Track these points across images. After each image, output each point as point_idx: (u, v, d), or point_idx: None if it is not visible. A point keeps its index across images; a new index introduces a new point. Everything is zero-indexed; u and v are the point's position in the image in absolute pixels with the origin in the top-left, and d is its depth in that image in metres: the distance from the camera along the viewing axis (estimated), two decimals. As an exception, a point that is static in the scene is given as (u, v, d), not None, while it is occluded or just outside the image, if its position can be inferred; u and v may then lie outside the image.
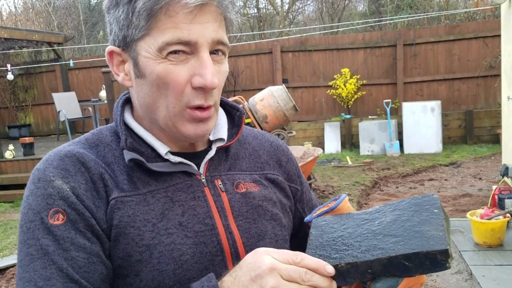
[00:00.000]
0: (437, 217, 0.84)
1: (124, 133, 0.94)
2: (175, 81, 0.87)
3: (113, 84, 7.71)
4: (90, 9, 19.86)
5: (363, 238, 0.85)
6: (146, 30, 0.86)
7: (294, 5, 17.20)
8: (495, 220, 4.30)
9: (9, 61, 11.49)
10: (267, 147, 1.13)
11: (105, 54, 0.95)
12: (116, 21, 0.89)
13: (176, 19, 0.84)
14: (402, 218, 0.86)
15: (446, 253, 0.77)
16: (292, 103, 6.74)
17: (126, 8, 0.86)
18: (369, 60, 10.69)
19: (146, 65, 0.88)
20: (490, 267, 3.97)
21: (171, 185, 0.94)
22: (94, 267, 0.84)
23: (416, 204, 0.89)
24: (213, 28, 0.87)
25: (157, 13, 0.84)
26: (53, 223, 0.83)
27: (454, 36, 10.21)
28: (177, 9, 0.84)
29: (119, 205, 0.88)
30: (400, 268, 0.80)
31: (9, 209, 7.36)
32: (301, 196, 1.15)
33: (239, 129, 1.05)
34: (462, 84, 10.38)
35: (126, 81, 0.94)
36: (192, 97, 0.89)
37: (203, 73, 0.87)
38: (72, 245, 0.83)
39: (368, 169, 8.32)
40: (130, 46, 0.90)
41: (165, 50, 0.86)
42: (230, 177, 1.01)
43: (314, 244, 0.89)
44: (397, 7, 13.65)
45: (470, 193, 6.59)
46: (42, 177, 0.87)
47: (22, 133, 11.74)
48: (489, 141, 9.74)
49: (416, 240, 0.80)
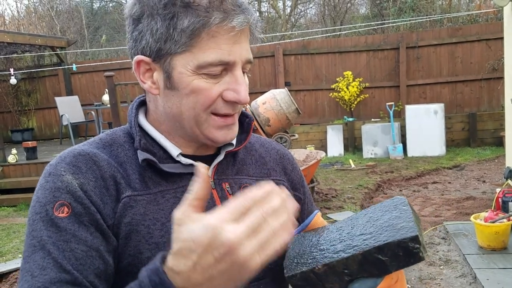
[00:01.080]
0: (406, 213, 0.86)
1: (138, 134, 0.98)
2: (207, 96, 0.92)
3: (116, 88, 7.72)
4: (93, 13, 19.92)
5: (338, 242, 0.87)
6: (187, 47, 0.89)
7: (296, 8, 17.22)
8: (499, 223, 4.28)
9: (12, 66, 11.53)
10: (273, 154, 1.16)
11: (133, 63, 0.96)
12: (151, 32, 0.90)
13: (219, 40, 0.88)
14: (373, 218, 0.89)
15: (417, 239, 0.78)
16: (294, 106, 6.73)
17: (167, 23, 0.88)
18: (372, 63, 10.68)
19: (180, 80, 0.91)
20: (494, 270, 3.95)
21: (180, 186, 0.97)
22: (91, 261, 0.86)
23: (386, 205, 0.92)
24: (246, 48, 0.94)
25: (201, 33, 0.88)
26: (57, 215, 0.86)
27: (456, 39, 10.19)
28: (222, 30, 0.88)
29: (132, 203, 0.91)
30: (376, 264, 0.81)
31: (12, 213, 7.36)
32: (303, 206, 1.17)
33: (248, 135, 1.08)
34: (465, 87, 10.35)
35: (153, 89, 0.96)
36: (220, 107, 0.94)
37: (237, 90, 0.92)
38: (73, 237, 0.85)
39: (371, 172, 8.30)
40: (163, 58, 0.92)
41: (204, 69, 0.90)
42: (237, 181, 1.04)
43: (291, 254, 0.91)
44: (399, 10, 13.65)
45: (473, 196, 6.57)
46: (53, 171, 0.91)
47: (25, 137, 11.76)
48: (492, 144, 9.71)
49: (387, 233, 0.82)
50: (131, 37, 0.95)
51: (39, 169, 8.05)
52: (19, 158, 8.47)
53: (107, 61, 12.28)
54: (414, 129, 9.34)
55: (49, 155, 8.83)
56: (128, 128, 1.02)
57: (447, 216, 5.81)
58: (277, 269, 1.00)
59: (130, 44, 0.96)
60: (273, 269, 0.98)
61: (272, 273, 0.99)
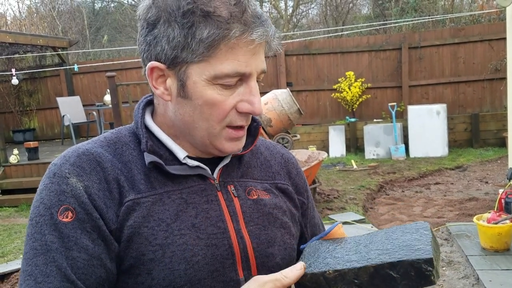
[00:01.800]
0: (426, 237, 0.87)
1: (145, 136, 0.97)
2: (222, 108, 0.91)
3: (118, 89, 7.72)
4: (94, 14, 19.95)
5: (353, 252, 0.89)
6: (204, 57, 0.88)
7: (298, 9, 17.20)
8: (502, 224, 4.26)
9: (14, 66, 11.52)
10: (278, 158, 1.16)
11: (146, 69, 0.94)
12: (168, 39, 0.89)
13: (237, 51, 0.88)
14: (393, 237, 0.90)
15: (431, 262, 0.79)
16: (296, 106, 6.72)
17: (185, 32, 0.87)
18: (374, 63, 10.66)
19: (194, 89, 0.91)
20: (497, 271, 3.93)
21: (186, 187, 0.96)
22: (92, 270, 0.86)
23: (408, 227, 0.93)
24: (262, 59, 0.93)
25: (220, 44, 0.87)
26: (61, 220, 0.86)
27: (459, 39, 10.17)
28: (241, 43, 0.88)
29: (135, 206, 0.91)
30: (386, 280, 0.82)
31: (13, 213, 7.36)
32: (306, 211, 1.17)
33: (255, 139, 1.07)
34: (467, 87, 10.33)
35: (165, 95, 0.95)
36: (234, 119, 0.94)
37: (252, 101, 0.93)
38: (75, 245, 0.85)
39: (373, 173, 8.28)
40: (179, 66, 0.91)
41: (220, 80, 0.89)
42: (243, 184, 1.04)
43: (306, 257, 0.92)
44: (401, 10, 13.62)
45: (476, 197, 6.54)
46: (58, 172, 0.90)
47: (26, 137, 11.76)
48: (495, 145, 9.68)
49: (403, 251, 0.83)
50: (144, 41, 0.93)
51: (40, 169, 8.04)
52: (20, 158, 8.48)
53: (109, 61, 12.28)
54: (417, 129, 9.31)
55: (51, 155, 8.83)
56: (134, 127, 1.01)
57: (449, 217, 5.79)
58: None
59: (143, 48, 0.94)
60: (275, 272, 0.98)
61: None
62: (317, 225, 1.21)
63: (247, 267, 0.96)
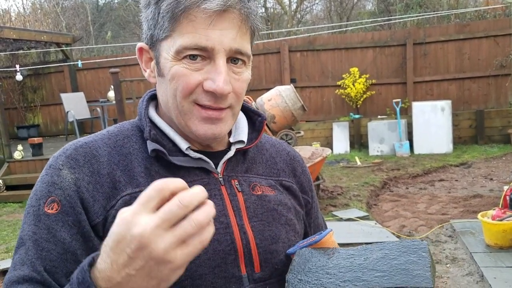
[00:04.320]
0: (425, 260, 0.84)
1: (148, 125, 0.96)
2: (185, 82, 0.89)
3: (121, 85, 7.72)
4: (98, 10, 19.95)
5: (347, 270, 0.85)
6: (169, 32, 0.89)
7: (302, 4, 17.16)
8: (507, 222, 4.25)
9: (18, 62, 11.55)
10: (283, 155, 1.14)
11: (135, 50, 0.98)
12: (146, 20, 0.93)
13: (196, 24, 0.86)
14: (389, 257, 0.87)
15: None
16: (300, 103, 6.70)
17: (154, 8, 0.89)
18: (379, 60, 10.62)
19: (164, 65, 0.91)
20: (502, 268, 3.92)
21: (188, 182, 0.93)
22: (64, 264, 0.85)
23: (405, 246, 0.89)
24: (231, 36, 0.88)
25: (179, 17, 0.87)
26: (46, 211, 0.87)
27: (464, 35, 10.11)
28: (197, 14, 0.86)
29: (132, 200, 0.87)
30: None
31: (18, 209, 7.38)
32: (310, 210, 1.15)
33: (259, 134, 1.07)
34: (472, 84, 10.27)
35: (151, 78, 0.98)
36: (200, 97, 0.91)
37: (215, 79, 0.88)
38: (52, 237, 0.86)
39: (377, 170, 8.26)
40: (155, 45, 0.93)
41: (182, 53, 0.88)
42: (247, 179, 1.02)
43: (296, 269, 0.89)
44: (406, 6, 13.57)
45: (481, 194, 6.52)
46: (53, 164, 0.92)
47: (30, 133, 11.80)
48: (500, 141, 9.63)
49: (401, 276, 0.80)
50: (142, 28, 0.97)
51: (44, 165, 8.02)
52: (25, 154, 8.50)
53: (113, 57, 12.29)
54: (421, 126, 9.28)
55: (55, 151, 8.72)
56: (137, 121, 1.01)
57: (454, 214, 5.77)
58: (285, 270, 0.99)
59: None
60: (279, 269, 0.98)
61: (278, 273, 0.98)
62: (320, 226, 1.19)
63: (250, 264, 0.94)
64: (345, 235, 4.88)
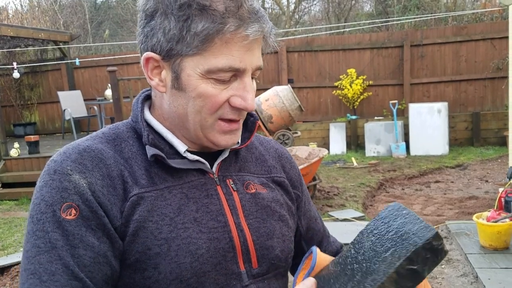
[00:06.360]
0: (410, 216, 0.85)
1: (146, 130, 0.97)
2: (214, 101, 0.91)
3: (119, 83, 7.71)
4: (96, 8, 19.91)
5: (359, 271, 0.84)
6: (199, 50, 0.88)
7: (300, 5, 17.17)
8: (502, 223, 4.27)
9: (15, 59, 11.51)
10: (272, 152, 1.17)
11: (142, 59, 0.95)
12: (164, 31, 0.89)
13: (232, 46, 0.88)
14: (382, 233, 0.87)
15: (438, 236, 0.79)
16: (297, 103, 6.72)
17: (181, 25, 0.87)
18: (376, 61, 10.65)
19: (188, 82, 0.91)
20: (496, 270, 3.94)
21: (186, 182, 0.97)
22: (99, 267, 0.85)
23: (386, 217, 0.90)
24: (258, 55, 0.93)
25: (214, 38, 0.87)
26: (65, 217, 0.84)
27: (461, 37, 10.15)
28: (235, 38, 0.87)
29: (139, 201, 0.91)
30: (409, 276, 0.80)
31: (14, 207, 7.37)
32: (300, 204, 1.18)
33: (252, 134, 1.08)
34: (469, 86, 10.31)
35: (160, 87, 0.96)
36: (226, 112, 0.94)
37: (245, 97, 0.92)
38: (80, 243, 0.84)
39: (373, 171, 8.28)
40: (173, 58, 0.91)
41: (214, 74, 0.89)
42: (240, 178, 1.05)
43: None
44: (404, 7, 13.60)
45: (476, 195, 6.55)
46: (59, 169, 0.88)
47: (27, 131, 11.76)
48: (496, 144, 9.67)
49: (408, 241, 0.81)
50: (142, 32, 0.94)
51: (41, 163, 8.05)
52: (21, 152, 8.48)
53: (110, 56, 12.27)
54: (417, 127, 9.31)
55: (52, 149, 8.84)
56: (131, 122, 1.01)
57: (449, 215, 5.79)
58: (280, 265, 1.03)
59: (141, 39, 0.95)
60: (275, 264, 1.01)
61: (274, 268, 1.01)
62: (314, 218, 1.22)
63: (248, 260, 0.97)
64: (341, 236, 4.86)
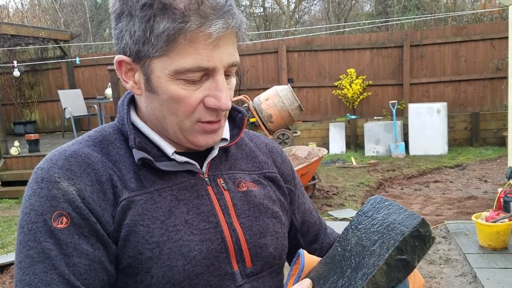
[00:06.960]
0: (393, 207, 0.85)
1: (132, 133, 0.94)
2: (187, 103, 0.89)
3: (119, 82, 7.72)
4: (97, 7, 19.89)
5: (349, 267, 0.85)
6: (164, 51, 0.85)
7: (301, 5, 17.17)
8: (500, 223, 4.28)
9: (16, 58, 11.53)
10: (262, 148, 1.15)
11: (114, 63, 0.93)
12: (130, 33, 0.87)
13: (197, 45, 0.84)
14: (367, 227, 0.87)
15: (425, 223, 0.79)
16: (297, 103, 6.73)
17: (144, 26, 0.84)
18: (376, 61, 10.66)
19: (158, 84, 0.88)
20: (495, 270, 3.95)
21: (176, 184, 0.95)
22: (95, 274, 0.84)
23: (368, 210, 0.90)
24: (229, 51, 0.88)
25: (177, 38, 0.83)
26: (56, 226, 0.83)
27: (461, 38, 10.16)
28: (199, 36, 0.84)
29: (130, 205, 0.89)
30: (399, 266, 0.80)
31: (14, 205, 7.38)
32: (293, 197, 1.16)
33: (241, 130, 1.07)
34: (468, 86, 10.33)
35: (135, 89, 0.94)
36: (203, 114, 0.91)
37: (218, 96, 0.89)
38: (74, 251, 0.83)
39: (373, 170, 8.30)
40: (143, 60, 0.88)
41: (182, 75, 0.86)
42: (231, 176, 1.03)
43: None
44: (404, 8, 13.60)
45: (475, 195, 6.56)
46: (46, 177, 0.86)
47: (27, 129, 11.77)
48: (495, 144, 9.69)
49: (394, 231, 0.81)
50: (114, 34, 0.92)
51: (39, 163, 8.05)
52: (21, 150, 8.49)
53: (110, 54, 12.27)
54: (417, 127, 9.32)
55: (52, 148, 8.84)
56: (118, 124, 0.99)
57: (448, 215, 5.81)
58: (274, 262, 1.02)
59: (114, 41, 0.93)
60: (269, 262, 1.00)
61: (268, 266, 1.00)
62: (309, 211, 1.20)
63: (241, 260, 0.96)
64: (340, 235, 4.90)
